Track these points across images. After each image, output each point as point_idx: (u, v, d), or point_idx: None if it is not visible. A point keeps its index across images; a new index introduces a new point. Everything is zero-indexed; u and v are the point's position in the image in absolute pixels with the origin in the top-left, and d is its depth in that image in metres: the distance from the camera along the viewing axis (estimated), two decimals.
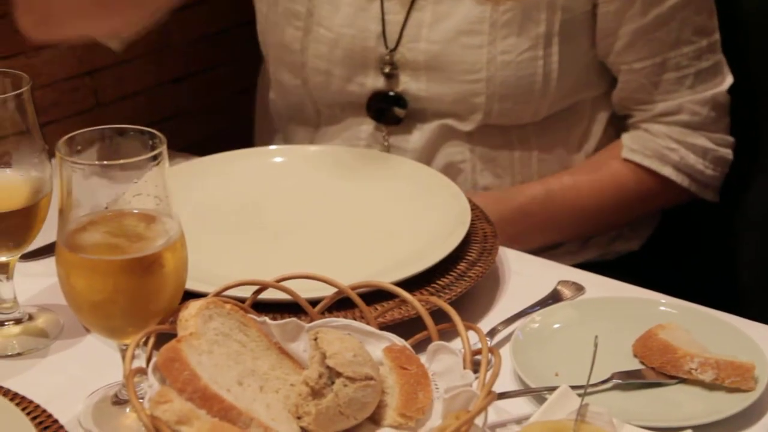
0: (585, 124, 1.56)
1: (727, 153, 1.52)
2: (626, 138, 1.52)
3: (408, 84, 1.48)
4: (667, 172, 1.50)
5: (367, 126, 1.54)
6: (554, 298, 1.17)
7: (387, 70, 1.48)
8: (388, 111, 1.50)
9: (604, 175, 1.53)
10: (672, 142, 1.50)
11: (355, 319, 1.02)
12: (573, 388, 0.94)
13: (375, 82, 1.50)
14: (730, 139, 1.53)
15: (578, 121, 1.55)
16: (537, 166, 1.54)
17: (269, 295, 1.05)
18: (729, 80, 1.50)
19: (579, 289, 1.19)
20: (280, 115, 1.67)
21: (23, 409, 0.93)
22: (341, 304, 1.07)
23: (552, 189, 1.51)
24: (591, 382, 0.93)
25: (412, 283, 1.13)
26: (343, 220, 1.28)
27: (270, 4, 1.54)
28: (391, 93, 1.48)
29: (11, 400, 0.95)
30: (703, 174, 1.51)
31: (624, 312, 1.12)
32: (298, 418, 0.90)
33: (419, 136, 1.51)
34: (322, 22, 1.49)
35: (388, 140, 1.52)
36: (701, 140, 1.50)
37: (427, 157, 1.53)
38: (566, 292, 1.18)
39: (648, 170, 1.50)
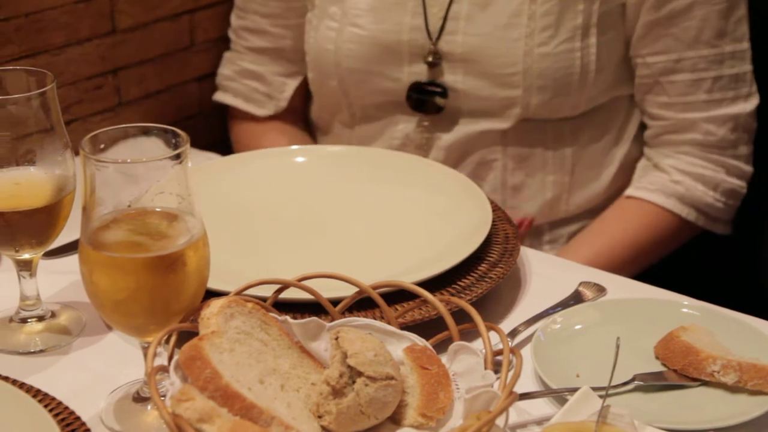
0: (619, 123, 1.56)
1: (741, 186, 1.51)
2: (633, 178, 1.53)
3: (445, 76, 1.48)
4: (671, 204, 1.49)
5: (403, 125, 1.55)
6: (576, 299, 1.16)
7: (430, 59, 1.48)
8: (428, 101, 1.50)
9: (609, 213, 1.53)
10: (678, 173, 1.49)
11: (376, 318, 1.02)
12: (594, 389, 0.94)
13: (409, 77, 1.50)
14: (748, 169, 1.51)
15: (613, 120, 1.55)
16: (570, 167, 1.54)
17: (290, 294, 1.05)
18: (755, 100, 1.49)
19: (601, 290, 1.19)
20: (318, 117, 1.69)
21: (45, 406, 0.94)
22: (362, 303, 1.08)
23: None
24: (612, 384, 0.93)
25: (433, 284, 1.13)
26: (364, 220, 1.28)
27: (313, 8, 1.56)
28: (433, 83, 1.49)
29: (34, 396, 0.95)
30: (712, 207, 1.50)
31: (646, 313, 1.12)
32: (319, 417, 0.90)
33: (453, 134, 1.52)
34: (356, 21, 1.50)
35: (425, 135, 1.53)
36: (710, 170, 1.49)
37: (459, 155, 1.53)
38: (588, 293, 1.18)
39: (653, 205, 1.50)
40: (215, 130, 1.80)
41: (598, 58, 1.46)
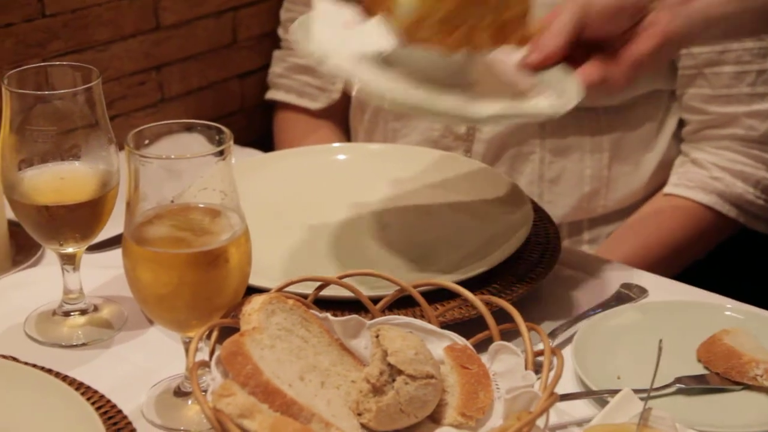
0: (659, 119, 1.55)
1: None
2: (671, 176, 1.52)
3: None
4: (711, 201, 1.48)
5: None
6: (617, 300, 1.16)
7: None
8: None
9: (645, 209, 1.52)
10: (717, 170, 1.48)
11: (416, 317, 1.02)
12: (635, 391, 0.93)
13: None
14: None
15: (652, 115, 1.54)
16: (608, 161, 1.53)
17: (331, 291, 1.05)
18: None
19: (642, 291, 1.18)
20: (361, 110, 1.68)
21: (88, 399, 0.94)
22: (402, 302, 1.08)
23: None
24: (654, 386, 0.92)
25: (473, 283, 1.12)
26: (405, 218, 1.28)
27: None
28: None
29: (76, 389, 0.96)
30: (752, 204, 1.48)
31: (688, 316, 1.11)
32: (359, 414, 0.91)
33: (491, 127, 1.51)
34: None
35: (465, 128, 1.52)
36: (751, 166, 1.48)
37: (498, 148, 1.53)
38: (630, 294, 1.17)
39: (692, 202, 1.48)
40: (256, 127, 1.81)
41: None
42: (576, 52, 1.14)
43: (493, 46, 1.08)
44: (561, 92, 1.09)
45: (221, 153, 0.93)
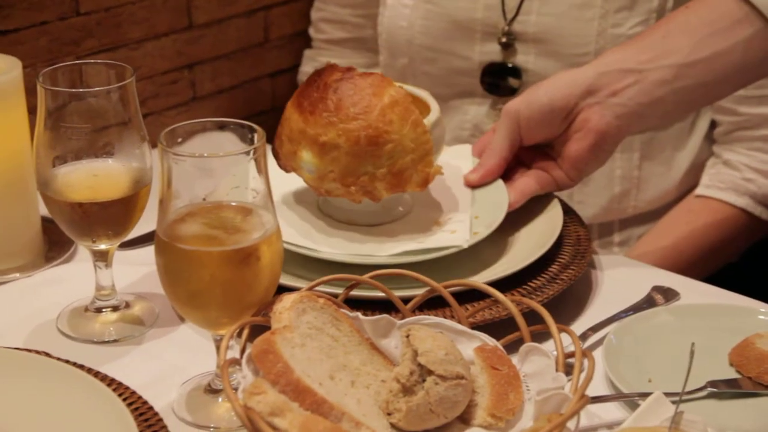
0: (691, 119, 1.54)
1: None
2: (702, 177, 1.51)
3: (517, 57, 1.48)
4: (743, 203, 1.47)
5: (476, 107, 1.54)
6: (649, 302, 1.15)
7: (504, 40, 1.48)
8: (502, 83, 1.50)
9: (677, 211, 1.51)
10: (750, 171, 1.47)
11: (446, 317, 1.02)
12: (666, 395, 0.92)
13: (480, 56, 1.50)
14: None
15: None
16: (638, 161, 1.52)
17: (362, 291, 1.05)
18: None
19: (674, 294, 1.17)
20: None
21: (119, 395, 0.95)
22: (433, 302, 1.08)
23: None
24: (685, 390, 0.92)
25: (504, 284, 1.12)
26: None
27: None
28: (509, 64, 1.48)
29: (108, 385, 0.96)
30: None
31: (720, 319, 1.10)
32: (389, 414, 0.91)
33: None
34: None
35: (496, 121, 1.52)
36: None
37: None
38: (661, 297, 1.16)
39: (724, 204, 1.47)
40: None
41: None
42: (524, 155, 1.25)
43: (392, 192, 1.15)
44: (491, 212, 1.19)
45: (253, 151, 0.93)
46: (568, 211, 1.28)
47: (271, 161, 1.15)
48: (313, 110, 1.12)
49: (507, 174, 1.25)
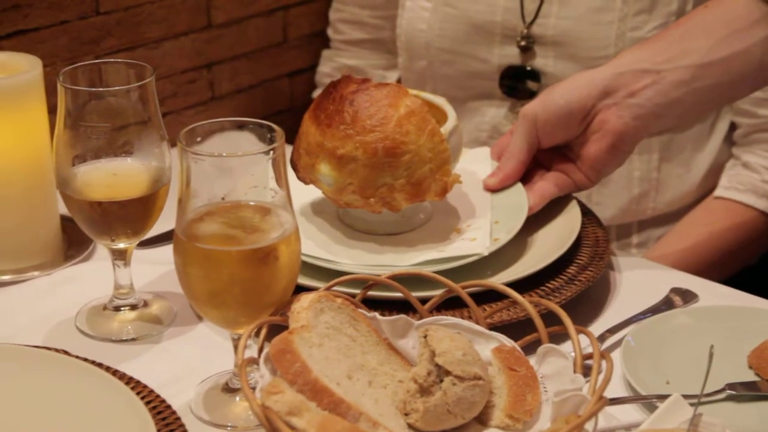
0: (709, 122, 1.54)
1: None
2: (721, 179, 1.50)
3: (536, 60, 1.48)
4: (762, 205, 1.46)
5: (491, 115, 1.54)
6: (667, 304, 1.15)
7: (523, 43, 1.48)
8: (521, 86, 1.50)
9: (696, 213, 1.51)
10: None
11: (464, 318, 1.02)
12: (685, 397, 0.92)
13: (499, 59, 1.50)
14: None
15: (702, 118, 1.53)
16: (657, 163, 1.52)
17: (379, 291, 1.05)
18: None
19: (693, 296, 1.17)
20: None
21: (137, 393, 0.95)
22: (450, 303, 1.08)
23: None
24: (704, 392, 0.91)
25: (521, 286, 1.12)
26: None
27: None
28: (527, 68, 1.48)
29: (126, 383, 0.97)
30: None
31: (739, 322, 1.10)
32: (406, 414, 0.91)
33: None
34: (450, 0, 1.51)
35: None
36: None
37: None
38: (679, 299, 1.16)
39: (743, 206, 1.47)
40: None
41: None
42: (542, 157, 1.25)
43: (411, 203, 1.15)
44: (510, 217, 1.20)
45: (273, 151, 0.93)
46: (586, 212, 1.28)
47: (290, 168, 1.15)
48: (329, 123, 1.13)
49: (525, 176, 1.25)
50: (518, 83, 1.50)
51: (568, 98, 1.19)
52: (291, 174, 0.99)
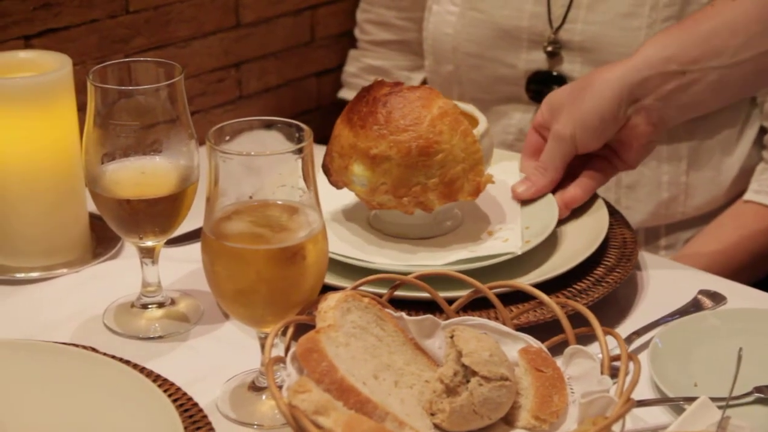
0: (738, 126, 1.53)
1: None
2: (751, 183, 1.50)
3: (563, 66, 1.48)
4: None
5: (519, 114, 1.54)
6: (695, 306, 1.14)
7: (550, 48, 1.48)
8: (548, 91, 1.49)
9: (725, 216, 1.50)
10: None
11: (490, 319, 1.02)
12: (713, 399, 0.92)
13: (526, 64, 1.50)
14: None
15: (731, 122, 1.52)
16: (686, 167, 1.51)
17: (405, 291, 1.05)
18: None
19: (721, 298, 1.16)
20: None
21: (165, 391, 0.96)
22: (477, 303, 1.07)
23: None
24: (732, 395, 0.91)
25: (548, 287, 1.12)
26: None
27: None
28: (554, 73, 1.48)
29: (153, 381, 0.97)
30: None
31: None
32: (432, 414, 0.91)
33: None
34: (477, 5, 1.51)
35: None
36: None
37: None
38: (707, 301, 1.15)
39: None
40: (332, 126, 1.81)
41: None
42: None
43: (444, 202, 1.15)
44: (540, 221, 1.20)
45: (301, 150, 0.93)
46: (613, 213, 1.27)
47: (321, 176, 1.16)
48: (363, 124, 1.13)
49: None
50: (545, 88, 1.50)
51: (601, 113, 1.19)
52: (320, 174, 0.99)
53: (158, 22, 1.52)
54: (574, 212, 1.26)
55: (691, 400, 0.93)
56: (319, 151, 1.52)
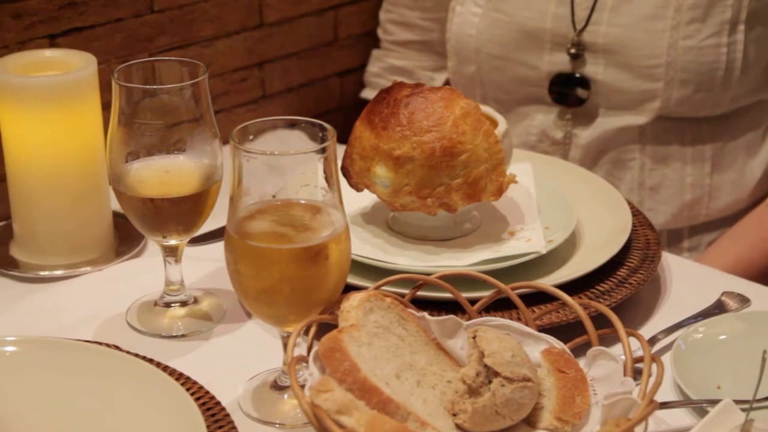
0: (763, 129, 1.52)
1: None
2: None
3: (586, 68, 1.47)
4: None
5: (542, 115, 1.54)
6: (719, 308, 1.14)
7: (573, 50, 1.47)
8: (571, 93, 1.49)
9: (749, 218, 1.49)
10: None
11: (513, 319, 1.02)
12: (736, 402, 0.91)
13: (549, 66, 1.50)
14: None
15: (756, 125, 1.52)
16: (710, 169, 1.51)
17: (428, 291, 1.05)
18: None
19: (745, 301, 1.15)
20: None
21: (187, 390, 0.96)
22: (499, 304, 1.07)
23: None
24: (756, 398, 0.90)
25: (570, 287, 1.12)
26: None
27: None
28: (577, 75, 1.48)
29: (177, 379, 0.97)
30: None
31: None
32: (454, 415, 0.90)
33: (591, 131, 1.50)
34: (500, 6, 1.50)
35: (565, 130, 1.52)
36: None
37: (596, 154, 1.52)
38: (731, 303, 1.15)
39: None
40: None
41: (744, 56, 1.43)
42: None
43: (468, 203, 1.15)
44: (560, 221, 1.21)
45: (324, 150, 0.93)
46: (636, 215, 1.27)
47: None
48: (385, 126, 1.13)
49: None
50: (568, 90, 1.50)
51: None
52: (342, 177, 0.99)
53: (182, 21, 1.52)
54: (597, 214, 1.25)
55: (714, 402, 0.93)
56: (341, 151, 1.52)
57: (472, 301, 1.03)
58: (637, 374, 0.91)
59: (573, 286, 1.13)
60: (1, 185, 1.30)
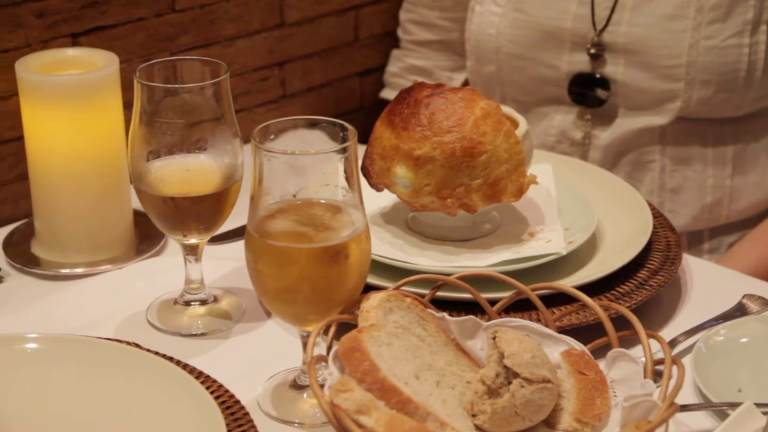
0: None
1: None
2: None
3: (606, 68, 1.47)
4: None
5: (561, 116, 1.53)
6: (740, 311, 1.13)
7: (593, 50, 1.47)
8: (590, 94, 1.49)
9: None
10: None
11: (532, 320, 1.02)
12: (757, 405, 0.91)
13: (569, 66, 1.49)
14: None
15: None
16: (731, 171, 1.50)
17: (448, 292, 1.05)
18: None
19: (766, 303, 1.15)
20: None
21: (207, 388, 0.96)
22: (519, 305, 1.07)
23: None
24: None
25: (591, 289, 1.11)
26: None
27: None
28: (597, 75, 1.47)
29: (196, 378, 0.98)
30: None
31: None
32: (473, 415, 0.90)
33: (611, 132, 1.50)
34: (520, 5, 1.50)
35: (585, 130, 1.51)
36: None
37: (616, 155, 1.51)
38: (753, 306, 1.14)
39: None
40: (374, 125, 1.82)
41: (766, 56, 1.42)
42: None
43: (488, 203, 1.14)
44: (580, 222, 1.21)
45: (345, 149, 0.93)
46: (657, 216, 1.26)
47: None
48: (405, 126, 1.13)
49: None
50: (587, 90, 1.49)
51: None
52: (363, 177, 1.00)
53: (204, 20, 1.53)
54: (617, 215, 1.25)
55: (735, 405, 0.93)
56: (361, 151, 1.52)
57: (492, 302, 1.03)
58: (657, 376, 0.90)
59: (593, 288, 1.12)
60: (23, 183, 1.30)
